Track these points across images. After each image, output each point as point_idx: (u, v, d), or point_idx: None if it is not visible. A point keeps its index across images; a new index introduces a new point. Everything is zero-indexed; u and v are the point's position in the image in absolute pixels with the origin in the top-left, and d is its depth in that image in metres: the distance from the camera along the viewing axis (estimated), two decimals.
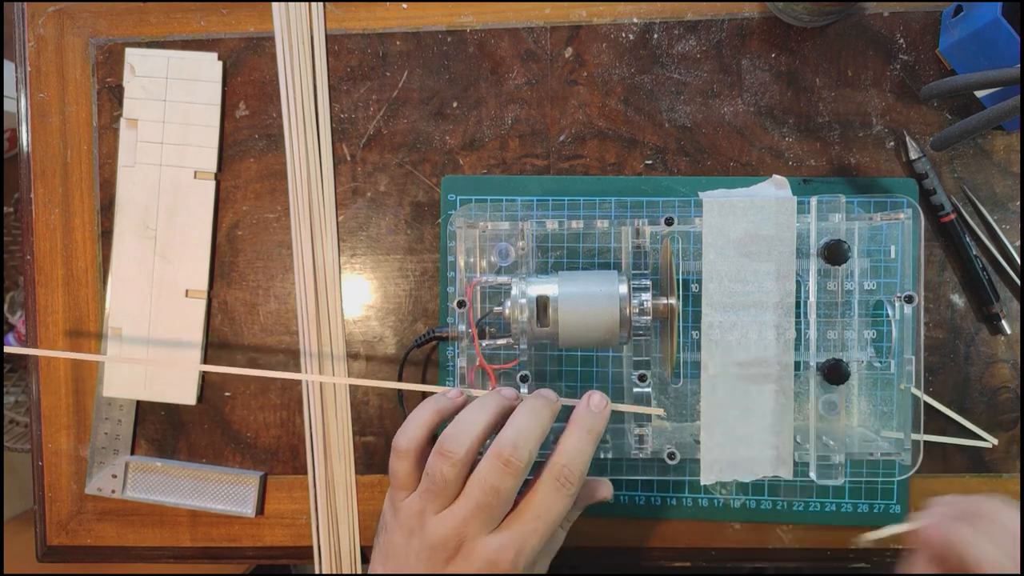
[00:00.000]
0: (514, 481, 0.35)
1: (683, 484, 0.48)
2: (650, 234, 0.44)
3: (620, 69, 0.49)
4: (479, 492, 0.35)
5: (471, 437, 0.36)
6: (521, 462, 0.35)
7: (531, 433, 0.36)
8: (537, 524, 0.36)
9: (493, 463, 0.35)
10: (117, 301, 0.51)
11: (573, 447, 0.37)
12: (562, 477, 0.36)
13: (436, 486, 0.36)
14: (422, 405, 0.40)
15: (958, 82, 0.42)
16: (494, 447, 0.36)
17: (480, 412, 0.37)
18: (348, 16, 0.51)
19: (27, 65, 0.52)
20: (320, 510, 0.50)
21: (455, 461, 0.35)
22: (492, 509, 0.35)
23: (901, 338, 0.44)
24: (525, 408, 0.37)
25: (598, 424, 0.38)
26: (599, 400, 0.39)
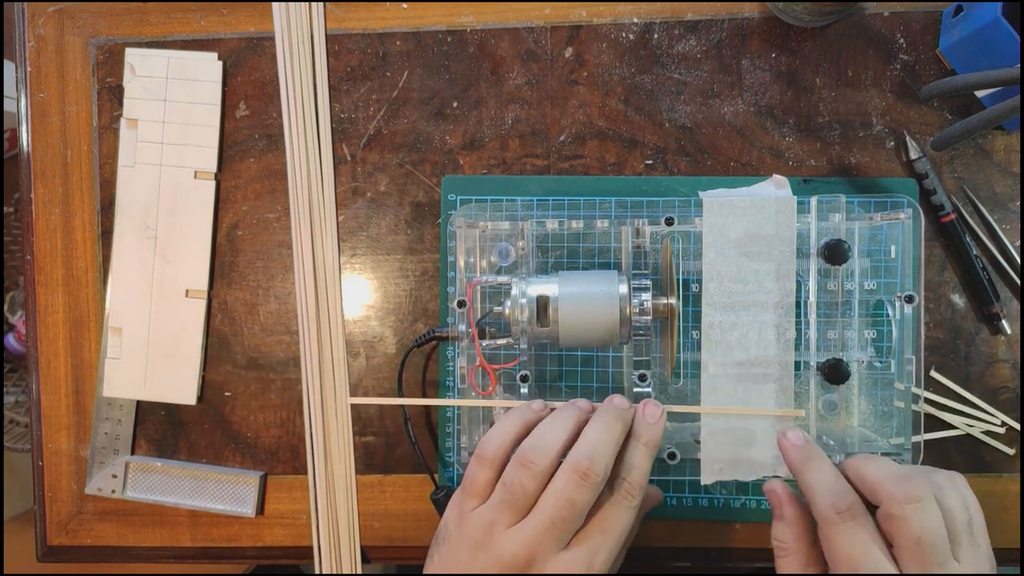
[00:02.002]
0: (590, 495, 0.35)
1: (683, 484, 0.48)
2: (650, 234, 0.44)
3: (620, 69, 0.49)
4: (554, 507, 0.35)
5: (553, 449, 0.36)
6: (598, 476, 0.35)
7: (606, 447, 0.36)
8: (604, 539, 0.36)
9: (570, 476, 0.35)
10: (117, 301, 0.51)
11: (633, 461, 0.37)
12: (625, 491, 0.36)
13: (513, 496, 0.35)
14: (508, 415, 0.39)
15: (958, 82, 0.42)
16: (569, 460, 0.35)
17: (560, 424, 0.37)
18: (348, 16, 0.51)
19: (27, 65, 0.52)
20: (320, 510, 0.50)
21: (536, 472, 0.35)
22: (566, 524, 0.35)
23: (901, 338, 0.44)
24: (599, 421, 0.37)
25: (655, 435, 0.38)
26: (653, 410, 0.39)
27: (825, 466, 0.37)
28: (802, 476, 0.38)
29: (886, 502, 0.34)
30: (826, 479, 0.36)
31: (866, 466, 0.36)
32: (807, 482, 0.37)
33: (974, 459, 0.48)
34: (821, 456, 0.38)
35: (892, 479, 0.34)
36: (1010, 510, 0.48)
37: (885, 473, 0.35)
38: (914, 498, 0.33)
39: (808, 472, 0.37)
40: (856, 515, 0.35)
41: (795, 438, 0.39)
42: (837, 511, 0.35)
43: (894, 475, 0.35)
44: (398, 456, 0.51)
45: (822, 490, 0.36)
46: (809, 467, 0.37)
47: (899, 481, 0.34)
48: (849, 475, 0.37)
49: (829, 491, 0.36)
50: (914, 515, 0.33)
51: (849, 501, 0.35)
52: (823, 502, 0.35)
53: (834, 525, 0.35)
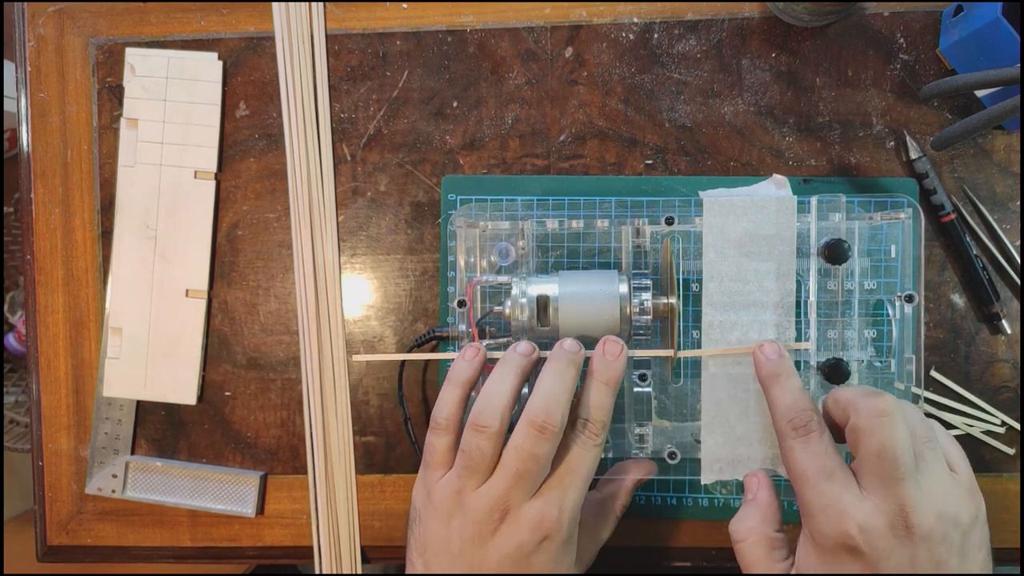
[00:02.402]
0: (550, 445, 0.35)
1: (683, 484, 0.48)
2: (650, 234, 0.44)
3: (620, 69, 0.49)
4: (517, 461, 0.35)
5: (502, 406, 0.36)
6: (555, 426, 0.35)
7: (560, 395, 0.36)
8: (573, 478, 0.36)
9: (528, 431, 0.35)
10: (117, 301, 0.51)
11: (593, 401, 0.37)
12: (588, 432, 0.37)
13: (473, 461, 0.36)
14: (448, 381, 0.39)
15: (958, 82, 0.42)
16: (526, 414, 0.36)
17: (505, 379, 0.37)
18: (348, 16, 0.51)
19: (27, 65, 0.52)
20: (320, 510, 0.50)
21: (490, 434, 0.36)
22: (532, 476, 0.35)
23: (901, 338, 0.44)
24: (550, 370, 0.37)
25: (616, 372, 0.38)
26: (613, 347, 0.39)
27: (791, 383, 0.38)
28: (768, 392, 0.38)
29: (852, 416, 0.34)
30: (789, 395, 0.37)
31: (842, 390, 0.37)
32: (771, 398, 0.38)
33: (974, 459, 0.47)
34: (790, 373, 0.38)
35: (861, 395, 0.35)
36: (1010, 510, 0.48)
37: (857, 391, 0.35)
38: (880, 411, 0.33)
39: (774, 388, 0.38)
40: (811, 430, 0.35)
41: (770, 351, 0.39)
42: (793, 427, 0.35)
43: (864, 392, 0.35)
44: (398, 456, 0.51)
45: (783, 406, 0.37)
46: (776, 383, 0.38)
47: (867, 395, 0.35)
48: (828, 402, 0.37)
49: (789, 407, 0.36)
50: (877, 427, 0.33)
51: (806, 418, 0.35)
52: (782, 417, 0.36)
53: (787, 439, 0.36)
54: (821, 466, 0.34)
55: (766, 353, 0.39)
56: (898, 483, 0.32)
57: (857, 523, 0.32)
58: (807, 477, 0.34)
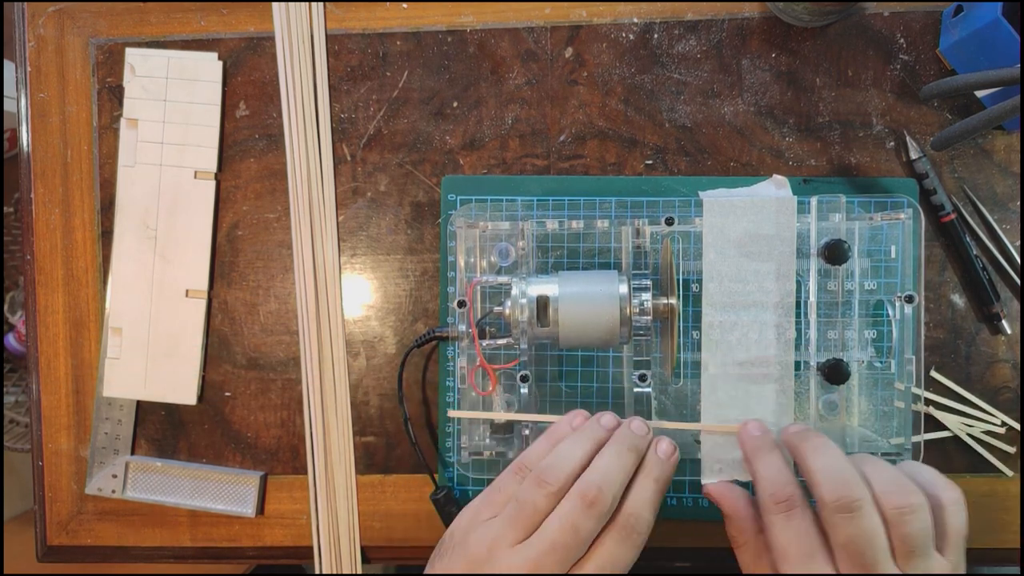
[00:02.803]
0: (595, 523, 0.34)
1: (683, 484, 0.48)
2: (650, 234, 0.44)
3: (620, 69, 0.49)
4: (558, 530, 0.34)
5: (570, 469, 0.36)
6: (604, 505, 0.34)
7: (616, 476, 0.35)
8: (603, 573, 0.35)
9: (576, 503, 0.34)
10: (117, 301, 0.51)
11: (640, 497, 0.36)
12: (628, 527, 0.35)
13: (524, 513, 0.35)
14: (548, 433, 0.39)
15: (958, 82, 0.42)
16: (578, 487, 0.35)
17: (579, 445, 0.37)
18: (348, 16, 0.51)
19: (27, 65, 0.52)
20: (320, 510, 0.50)
21: (550, 492, 0.35)
22: (568, 550, 0.34)
23: (901, 338, 0.44)
24: (612, 449, 0.37)
25: (666, 472, 0.38)
26: (666, 447, 0.38)
27: (773, 458, 0.38)
28: (751, 466, 0.39)
29: (818, 503, 0.34)
30: (770, 471, 0.37)
31: (811, 457, 0.36)
32: (754, 472, 0.38)
33: (974, 459, 0.48)
34: (772, 448, 0.38)
35: (829, 481, 0.34)
36: (1010, 510, 0.48)
37: (824, 470, 0.35)
38: (844, 507, 0.33)
39: (757, 462, 0.38)
40: (793, 507, 0.35)
41: (753, 428, 0.40)
42: (775, 502, 0.35)
43: (833, 476, 0.34)
44: (398, 456, 0.51)
45: (764, 481, 0.37)
46: (759, 457, 0.38)
47: (835, 485, 0.34)
48: (795, 459, 0.37)
49: (770, 482, 0.36)
50: (842, 523, 0.33)
51: (787, 493, 0.35)
52: (763, 493, 0.36)
53: (770, 515, 0.36)
54: (800, 546, 0.34)
55: (749, 431, 0.40)
56: (872, 570, 0.32)
57: None
58: (787, 557, 0.34)
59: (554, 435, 0.39)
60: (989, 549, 0.48)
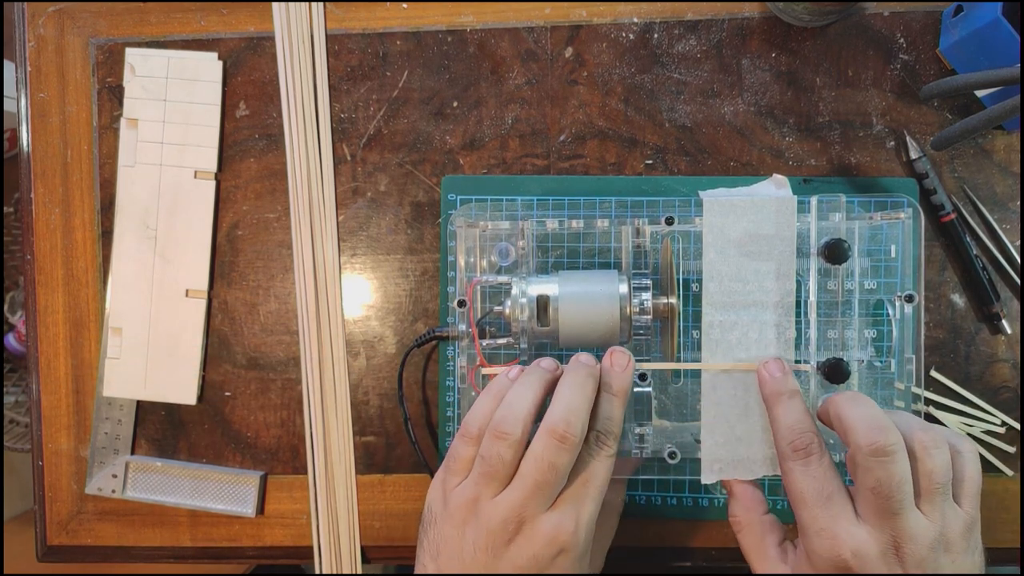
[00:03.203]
0: (570, 456, 0.35)
1: (683, 484, 0.48)
2: (650, 234, 0.44)
3: (620, 69, 0.49)
4: (536, 471, 0.35)
5: (524, 416, 0.36)
6: (575, 436, 0.35)
7: (579, 405, 0.36)
8: (588, 489, 0.36)
9: (548, 440, 0.35)
10: (117, 301, 0.51)
11: (604, 412, 0.37)
12: (599, 442, 0.37)
13: (492, 468, 0.35)
14: (487, 391, 0.39)
15: (958, 82, 0.42)
16: (546, 424, 0.36)
17: (527, 390, 0.38)
18: (348, 16, 0.51)
19: (27, 65, 0.52)
20: (320, 510, 0.50)
21: (512, 441, 0.35)
22: (550, 486, 0.35)
23: (901, 338, 0.44)
24: (568, 381, 0.37)
25: (624, 383, 0.38)
26: (620, 358, 0.39)
27: (794, 403, 0.38)
28: (771, 410, 0.38)
29: (852, 448, 0.34)
30: (790, 417, 0.37)
31: (847, 407, 0.36)
32: (774, 416, 0.38)
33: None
34: (793, 392, 0.38)
35: (865, 426, 0.34)
36: (1010, 510, 0.48)
37: (860, 418, 0.35)
38: (879, 451, 0.33)
39: (777, 407, 0.38)
40: (811, 453, 0.35)
41: (775, 368, 0.39)
42: (793, 448, 0.36)
43: (869, 423, 0.34)
44: (398, 456, 0.51)
45: (784, 426, 0.37)
46: (779, 402, 0.38)
47: (870, 430, 0.34)
48: (830, 412, 0.37)
49: (790, 428, 0.36)
50: (875, 466, 0.33)
51: (806, 440, 0.35)
52: (783, 438, 0.36)
53: (787, 461, 0.36)
54: (819, 490, 0.34)
55: (770, 370, 0.39)
56: (893, 516, 0.33)
57: (850, 548, 0.33)
58: (804, 500, 0.35)
59: (494, 390, 0.39)
60: (989, 549, 0.47)
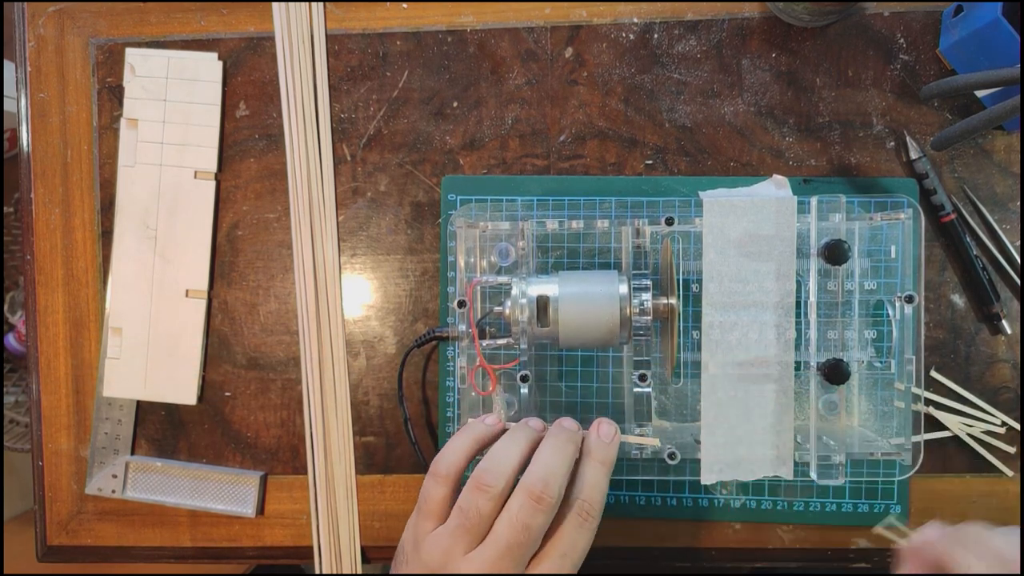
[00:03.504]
0: (545, 518, 0.34)
1: (683, 484, 0.48)
2: (650, 234, 0.44)
3: (620, 69, 0.49)
4: (510, 531, 0.34)
5: (508, 471, 0.36)
6: (551, 498, 0.34)
7: (559, 468, 0.36)
8: (564, 562, 0.35)
9: (524, 501, 0.34)
10: (117, 301, 0.51)
11: (590, 480, 0.37)
12: (583, 512, 0.36)
13: (470, 521, 0.35)
14: (461, 432, 0.39)
15: (958, 82, 0.42)
16: (523, 483, 0.35)
17: (514, 445, 0.37)
18: (348, 16, 0.51)
19: (27, 65, 0.52)
20: (320, 510, 0.50)
21: (492, 495, 0.35)
22: (523, 548, 0.34)
23: (901, 338, 0.44)
24: (550, 443, 0.37)
25: (611, 454, 0.38)
26: (608, 428, 0.38)
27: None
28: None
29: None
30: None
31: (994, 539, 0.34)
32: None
33: (974, 459, 0.48)
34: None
35: None
36: (1010, 510, 0.48)
37: None
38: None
39: None
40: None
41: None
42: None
43: None
44: (398, 456, 0.51)
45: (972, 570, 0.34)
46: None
47: None
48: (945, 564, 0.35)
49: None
50: None
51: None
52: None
53: None
54: None
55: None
56: None
57: None
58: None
59: (470, 432, 0.39)
60: None
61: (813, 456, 0.43)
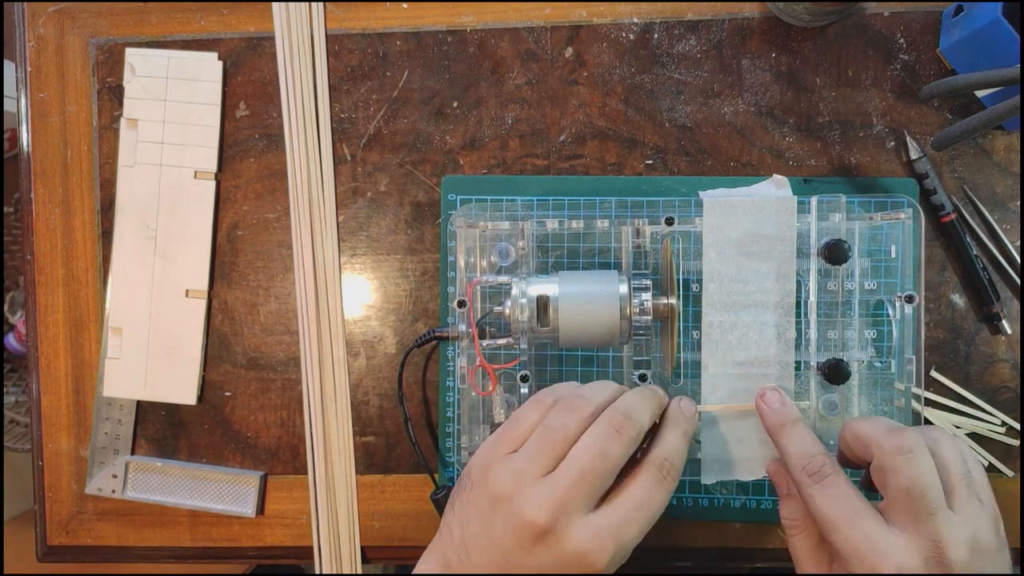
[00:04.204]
0: (623, 449, 0.34)
1: (683, 484, 0.48)
2: (650, 234, 0.44)
3: (620, 69, 0.49)
4: (585, 455, 0.33)
5: (599, 399, 0.36)
6: (633, 431, 0.34)
7: (642, 408, 0.36)
8: (638, 515, 0.34)
9: (604, 428, 0.34)
10: (117, 301, 0.51)
11: (672, 443, 0.37)
12: (664, 469, 0.35)
13: (553, 439, 0.34)
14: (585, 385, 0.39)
15: (958, 82, 0.42)
16: (605, 415, 0.35)
17: (607, 386, 0.38)
18: (348, 16, 0.51)
19: (27, 65, 0.52)
20: (320, 510, 0.50)
21: (581, 416, 0.35)
22: (597, 477, 0.33)
23: (902, 338, 0.44)
24: (636, 390, 0.38)
25: (692, 426, 0.38)
26: (688, 404, 0.39)
27: (798, 430, 0.38)
28: (777, 441, 0.38)
29: (876, 454, 0.34)
30: (798, 443, 0.37)
31: (861, 424, 0.36)
32: (782, 447, 0.38)
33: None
34: (795, 420, 0.38)
35: (883, 432, 0.35)
36: (1010, 510, 0.48)
37: (877, 427, 0.35)
38: (904, 448, 0.33)
39: (783, 437, 0.38)
40: (827, 474, 0.35)
41: (772, 400, 0.39)
42: (808, 473, 0.35)
43: (886, 429, 0.35)
44: (398, 456, 0.51)
45: (794, 454, 0.37)
46: (783, 432, 0.38)
47: (890, 433, 0.34)
48: (847, 436, 0.37)
49: (801, 455, 0.36)
50: (903, 465, 0.33)
51: (819, 463, 0.35)
52: (795, 466, 0.36)
53: (807, 487, 0.35)
54: (844, 509, 0.34)
55: (768, 402, 0.39)
56: (930, 518, 0.32)
57: (893, 563, 0.32)
58: (833, 523, 0.34)
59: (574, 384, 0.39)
60: None
61: None
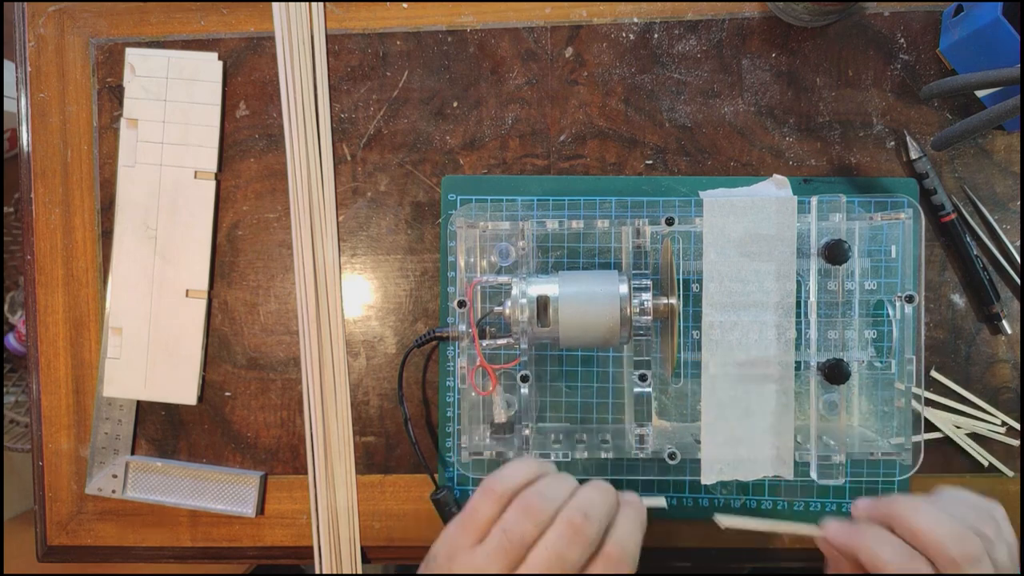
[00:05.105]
0: (580, 553, 0.33)
1: (683, 484, 0.48)
2: (650, 234, 0.44)
3: (620, 69, 0.49)
4: (545, 560, 0.33)
5: (558, 500, 0.35)
6: (591, 533, 0.33)
7: (600, 507, 0.35)
8: None
9: (562, 530, 0.33)
10: (117, 301, 0.51)
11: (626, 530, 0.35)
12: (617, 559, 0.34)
13: (511, 543, 0.34)
14: (525, 458, 0.38)
15: (958, 82, 0.42)
16: (563, 514, 0.34)
17: (564, 483, 0.36)
18: (348, 16, 0.51)
19: (27, 65, 0.52)
20: (320, 510, 0.50)
21: (539, 521, 0.34)
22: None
23: (902, 338, 0.44)
24: (592, 484, 0.36)
25: (643, 515, 0.37)
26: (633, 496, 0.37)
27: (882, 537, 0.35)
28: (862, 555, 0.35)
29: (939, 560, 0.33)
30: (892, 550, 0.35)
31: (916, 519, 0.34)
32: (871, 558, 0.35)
33: (974, 459, 0.48)
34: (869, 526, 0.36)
35: (950, 538, 0.33)
36: (1010, 510, 0.47)
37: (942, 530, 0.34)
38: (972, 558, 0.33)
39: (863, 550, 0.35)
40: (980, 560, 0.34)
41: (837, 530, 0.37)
42: None
43: (952, 534, 0.33)
44: (398, 456, 0.51)
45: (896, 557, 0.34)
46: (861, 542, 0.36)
47: (956, 540, 0.33)
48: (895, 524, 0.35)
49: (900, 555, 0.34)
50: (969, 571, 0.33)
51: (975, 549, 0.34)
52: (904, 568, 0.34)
53: None
54: None
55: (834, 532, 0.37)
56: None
57: None
58: None
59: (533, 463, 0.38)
60: None
61: (813, 456, 0.43)
